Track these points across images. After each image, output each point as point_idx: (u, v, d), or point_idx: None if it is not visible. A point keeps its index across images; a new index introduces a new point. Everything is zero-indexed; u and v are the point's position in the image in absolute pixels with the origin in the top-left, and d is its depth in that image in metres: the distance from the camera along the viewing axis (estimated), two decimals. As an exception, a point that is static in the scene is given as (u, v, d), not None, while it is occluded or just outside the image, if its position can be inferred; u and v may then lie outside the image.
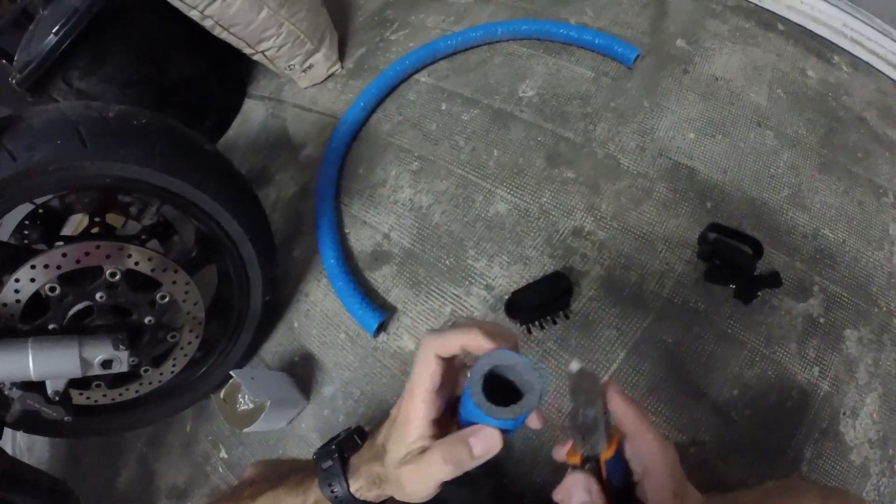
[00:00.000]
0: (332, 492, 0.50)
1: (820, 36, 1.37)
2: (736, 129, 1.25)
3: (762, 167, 1.20)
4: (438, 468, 0.43)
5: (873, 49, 1.30)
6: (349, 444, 0.53)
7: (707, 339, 1.04)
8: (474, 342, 0.42)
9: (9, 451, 1.33)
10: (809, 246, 1.11)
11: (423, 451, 0.44)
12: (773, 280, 1.06)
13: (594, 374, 0.44)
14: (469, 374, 0.41)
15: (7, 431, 1.01)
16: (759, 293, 1.06)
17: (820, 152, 1.22)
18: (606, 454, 0.43)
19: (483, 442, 0.41)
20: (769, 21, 1.41)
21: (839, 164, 1.20)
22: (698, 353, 1.03)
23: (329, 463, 0.51)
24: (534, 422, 0.45)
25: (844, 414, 0.98)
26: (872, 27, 1.29)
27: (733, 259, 1.07)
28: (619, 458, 0.45)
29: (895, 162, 1.21)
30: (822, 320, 1.04)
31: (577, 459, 0.45)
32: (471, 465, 0.42)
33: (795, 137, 1.24)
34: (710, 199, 1.17)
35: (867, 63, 1.32)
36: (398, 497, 0.47)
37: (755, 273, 1.07)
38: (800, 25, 1.39)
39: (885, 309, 1.05)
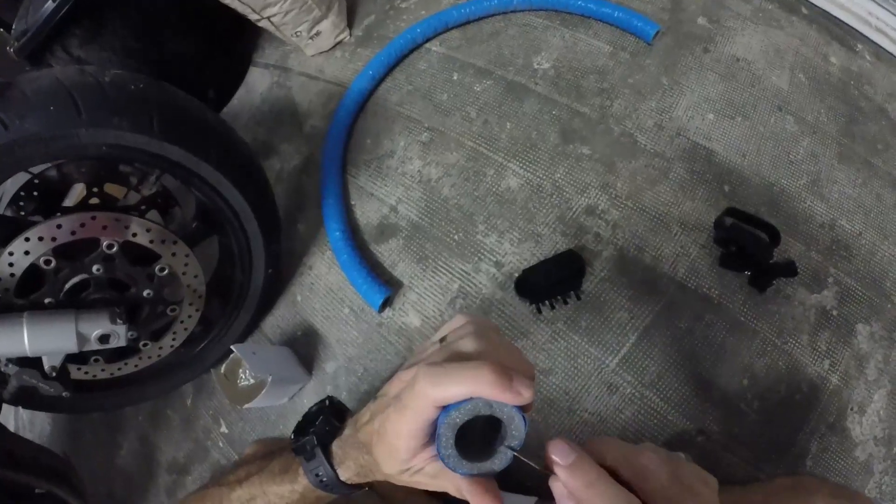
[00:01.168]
0: (322, 481, 0.49)
1: (843, 22, 1.33)
2: (756, 113, 1.22)
3: (781, 153, 1.17)
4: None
5: (898, 40, 1.27)
6: (326, 430, 0.51)
7: (719, 326, 1.03)
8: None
9: (11, 425, 1.31)
10: (826, 236, 1.10)
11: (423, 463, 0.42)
12: (789, 269, 1.04)
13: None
14: (438, 424, 0.37)
15: (9, 406, 0.99)
16: (773, 282, 1.05)
17: (840, 141, 1.19)
18: None
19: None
20: (792, 4, 1.37)
21: (859, 154, 1.18)
22: (710, 341, 1.02)
23: (311, 456, 0.49)
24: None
25: (852, 409, 0.98)
26: None
27: (749, 245, 1.05)
28: None
29: (916, 156, 1.19)
30: (835, 313, 1.04)
31: None
32: None
33: (816, 124, 1.21)
34: (728, 183, 1.15)
35: (890, 54, 1.29)
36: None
37: (771, 261, 1.05)
38: (823, 10, 1.35)
39: (898, 305, 1.04)
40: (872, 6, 1.27)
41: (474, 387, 0.36)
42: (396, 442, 0.40)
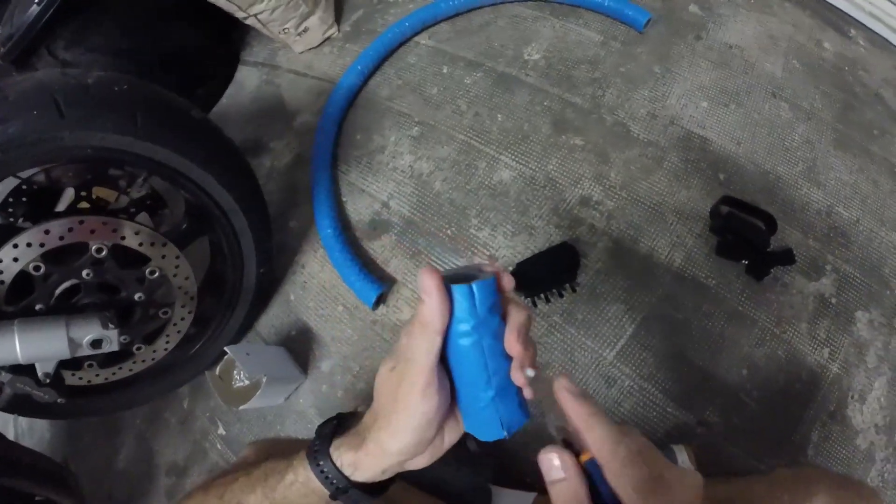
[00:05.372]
0: (315, 453, 0.47)
1: (837, 8, 1.31)
2: (750, 100, 1.21)
3: (777, 140, 1.16)
4: (416, 372, 0.41)
5: (892, 25, 1.24)
6: (352, 416, 0.50)
7: (717, 316, 1.02)
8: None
9: (10, 432, 1.30)
10: (823, 223, 1.09)
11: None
12: (787, 257, 1.03)
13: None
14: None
15: (7, 414, 0.98)
16: (771, 270, 1.04)
17: (835, 127, 1.18)
18: (584, 456, 0.40)
19: (422, 282, 0.38)
20: (785, -11, 1.35)
21: (855, 140, 1.17)
22: (708, 331, 1.02)
23: (326, 429, 0.49)
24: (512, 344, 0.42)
25: (853, 398, 0.97)
26: (891, 2, 1.22)
27: (746, 234, 1.04)
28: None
29: (911, 142, 1.18)
30: (833, 301, 1.03)
31: None
32: (432, 315, 0.39)
33: (811, 111, 1.19)
34: (723, 171, 1.13)
35: (885, 39, 1.27)
36: (374, 455, 0.45)
37: (768, 249, 1.04)
38: (817, -4, 1.33)
39: (897, 292, 1.03)
40: (867, -9, 1.25)
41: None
42: (418, 365, 0.41)
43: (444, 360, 0.42)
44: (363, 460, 0.45)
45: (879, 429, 0.95)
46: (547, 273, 1.07)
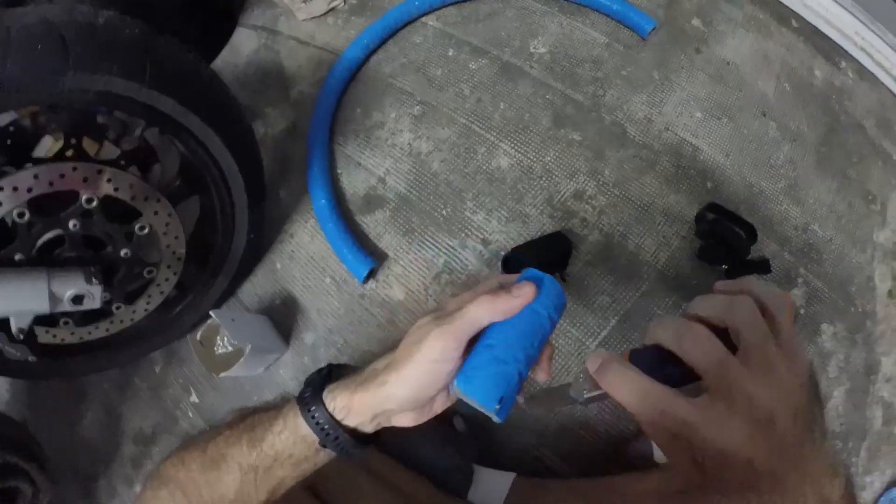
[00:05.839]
0: (306, 398, 0.47)
1: (831, 39, 1.38)
2: (742, 116, 1.26)
3: (763, 156, 1.22)
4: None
5: (880, 61, 1.32)
6: (344, 367, 0.51)
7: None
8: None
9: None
10: (799, 238, 1.15)
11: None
12: (763, 266, 1.09)
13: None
14: None
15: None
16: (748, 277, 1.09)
17: (819, 150, 1.25)
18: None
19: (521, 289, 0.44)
20: (784, 15, 1.41)
21: (835, 164, 1.24)
22: (686, 329, 1.06)
23: (316, 377, 0.49)
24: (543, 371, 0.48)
25: (814, 404, 1.04)
26: (883, 40, 1.31)
27: (728, 241, 1.09)
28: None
29: (887, 171, 1.26)
30: (802, 311, 1.09)
31: None
32: (508, 307, 0.44)
33: (797, 132, 1.26)
34: (711, 180, 1.19)
35: (872, 73, 1.35)
36: (371, 397, 0.45)
37: (747, 257, 1.10)
38: (813, 25, 1.40)
39: (860, 310, 1.11)
40: (859, 26, 1.32)
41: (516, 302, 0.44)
42: (437, 343, 0.43)
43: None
44: (357, 402, 0.45)
45: (836, 435, 1.02)
46: (540, 260, 1.09)
